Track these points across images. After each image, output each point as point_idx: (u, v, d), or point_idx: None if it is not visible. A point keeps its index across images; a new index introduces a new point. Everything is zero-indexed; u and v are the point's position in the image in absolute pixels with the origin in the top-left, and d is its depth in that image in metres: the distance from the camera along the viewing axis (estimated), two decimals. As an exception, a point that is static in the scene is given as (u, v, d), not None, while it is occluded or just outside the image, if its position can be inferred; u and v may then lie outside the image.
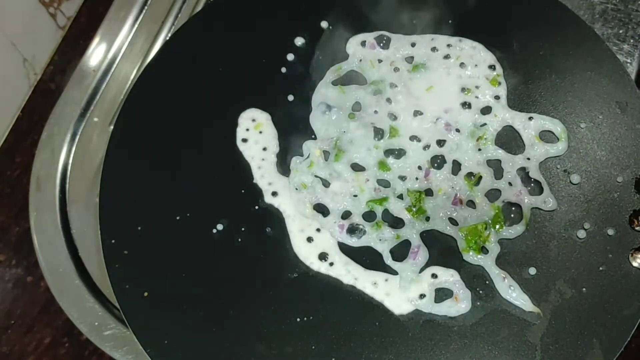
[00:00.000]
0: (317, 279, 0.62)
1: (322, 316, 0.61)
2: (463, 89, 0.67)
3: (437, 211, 0.63)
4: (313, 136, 0.67)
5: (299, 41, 0.71)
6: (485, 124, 0.66)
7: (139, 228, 0.64)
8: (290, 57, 0.70)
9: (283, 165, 0.66)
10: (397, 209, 0.64)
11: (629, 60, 0.76)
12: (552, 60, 0.68)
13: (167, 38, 0.82)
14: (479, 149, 0.65)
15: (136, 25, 0.82)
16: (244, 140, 0.67)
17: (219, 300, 0.62)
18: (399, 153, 0.66)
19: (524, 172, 0.64)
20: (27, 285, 0.74)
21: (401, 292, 0.61)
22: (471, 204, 0.64)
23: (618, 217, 0.62)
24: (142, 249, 0.64)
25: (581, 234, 0.62)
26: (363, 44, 0.70)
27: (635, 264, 0.60)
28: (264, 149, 0.67)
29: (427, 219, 0.63)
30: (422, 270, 0.62)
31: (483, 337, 0.59)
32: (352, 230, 0.63)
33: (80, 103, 0.79)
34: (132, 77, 0.81)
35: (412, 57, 0.69)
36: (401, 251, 0.62)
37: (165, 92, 0.70)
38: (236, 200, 0.65)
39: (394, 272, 0.62)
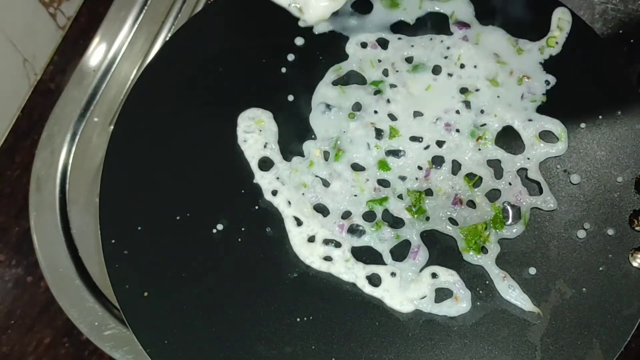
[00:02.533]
0: (317, 279, 0.62)
1: (322, 316, 0.61)
2: (463, 90, 0.67)
3: (437, 211, 0.63)
4: (313, 136, 0.67)
5: (299, 41, 0.71)
6: (485, 124, 0.66)
7: (139, 228, 0.64)
8: (290, 57, 0.70)
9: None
10: (397, 209, 0.64)
11: (629, 60, 0.76)
12: (552, 60, 0.68)
13: (167, 38, 0.82)
14: (479, 149, 0.65)
15: (136, 25, 0.82)
16: (244, 140, 0.67)
17: (219, 301, 0.62)
18: (399, 153, 0.66)
19: (524, 172, 0.64)
20: (27, 285, 0.74)
21: (401, 292, 0.61)
22: (471, 204, 0.64)
23: (618, 217, 0.62)
24: (142, 249, 0.64)
25: (581, 234, 0.62)
26: (363, 44, 0.70)
27: (635, 264, 0.60)
28: (264, 148, 0.67)
29: (427, 219, 0.63)
30: (422, 270, 0.62)
31: (483, 337, 0.59)
32: (352, 230, 0.63)
33: (80, 103, 0.79)
34: (132, 77, 0.81)
35: (412, 58, 0.69)
36: (401, 251, 0.62)
37: (165, 92, 0.70)
38: (236, 200, 0.65)
39: (394, 272, 0.62)
